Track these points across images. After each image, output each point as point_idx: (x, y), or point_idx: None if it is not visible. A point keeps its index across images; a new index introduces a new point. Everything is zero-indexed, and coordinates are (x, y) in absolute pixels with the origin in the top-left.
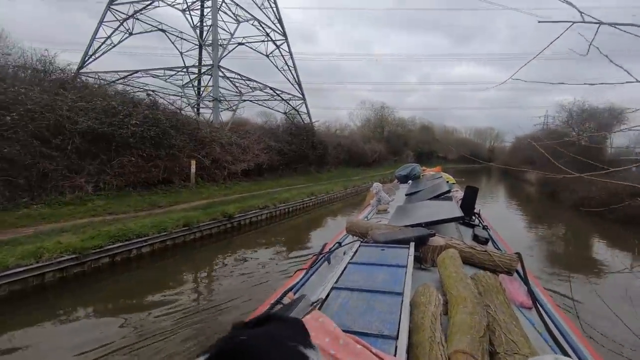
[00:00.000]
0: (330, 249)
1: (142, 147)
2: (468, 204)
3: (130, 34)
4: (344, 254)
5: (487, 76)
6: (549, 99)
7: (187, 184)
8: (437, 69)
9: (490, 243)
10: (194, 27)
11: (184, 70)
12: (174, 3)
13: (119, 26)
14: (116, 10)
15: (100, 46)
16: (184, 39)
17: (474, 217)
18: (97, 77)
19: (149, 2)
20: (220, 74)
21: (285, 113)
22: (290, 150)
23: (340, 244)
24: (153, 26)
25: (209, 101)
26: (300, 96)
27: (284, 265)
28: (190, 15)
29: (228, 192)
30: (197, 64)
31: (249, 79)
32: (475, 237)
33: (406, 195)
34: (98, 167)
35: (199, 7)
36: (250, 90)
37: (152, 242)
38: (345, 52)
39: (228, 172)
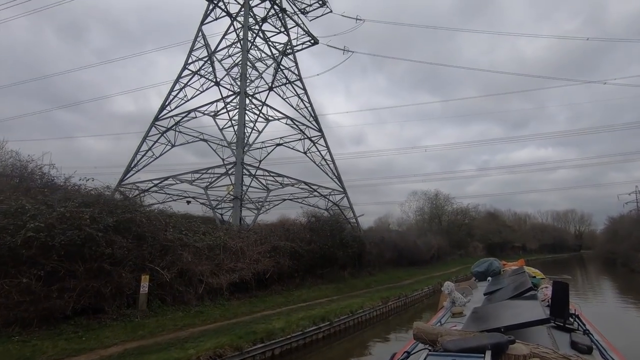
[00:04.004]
0: (399, 359)
1: (43, 261)
2: (559, 303)
3: (173, 145)
4: None
5: (551, 158)
6: (633, 174)
7: (132, 312)
8: (495, 155)
9: (596, 353)
10: (221, 130)
11: (208, 171)
12: (206, 111)
13: (158, 139)
14: (160, 126)
15: (141, 159)
16: (226, 146)
17: (571, 319)
18: (135, 187)
19: (185, 114)
20: (246, 172)
21: (326, 209)
22: (308, 251)
23: (409, 353)
24: (194, 137)
25: (230, 200)
26: (341, 190)
27: None
28: (230, 118)
29: (194, 321)
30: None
31: (279, 175)
32: (574, 345)
33: (484, 294)
34: None
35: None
36: (281, 186)
37: None
38: (396, 147)
39: (206, 288)
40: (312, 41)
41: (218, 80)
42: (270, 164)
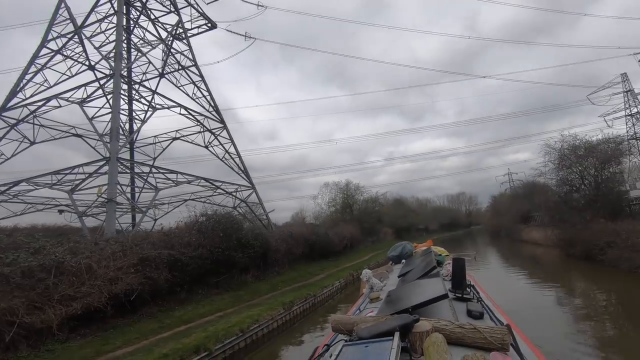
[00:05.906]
0: (320, 353)
1: None
2: (458, 277)
3: (32, 142)
4: (330, 356)
5: (444, 147)
6: (504, 159)
7: None
8: (399, 147)
9: (486, 317)
10: (91, 120)
11: (74, 170)
12: (71, 97)
13: (6, 133)
14: (9, 118)
15: None
16: (98, 140)
17: (468, 290)
18: None
19: (43, 101)
20: (131, 171)
21: (234, 207)
22: (194, 257)
23: (329, 346)
24: (63, 131)
25: (103, 204)
26: (249, 185)
27: None
28: (107, 103)
29: None
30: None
31: (172, 172)
32: (469, 313)
33: (398, 277)
34: None
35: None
36: (174, 185)
37: None
38: (309, 141)
39: (21, 331)
40: (209, 25)
41: (92, 63)
42: (173, 163)
